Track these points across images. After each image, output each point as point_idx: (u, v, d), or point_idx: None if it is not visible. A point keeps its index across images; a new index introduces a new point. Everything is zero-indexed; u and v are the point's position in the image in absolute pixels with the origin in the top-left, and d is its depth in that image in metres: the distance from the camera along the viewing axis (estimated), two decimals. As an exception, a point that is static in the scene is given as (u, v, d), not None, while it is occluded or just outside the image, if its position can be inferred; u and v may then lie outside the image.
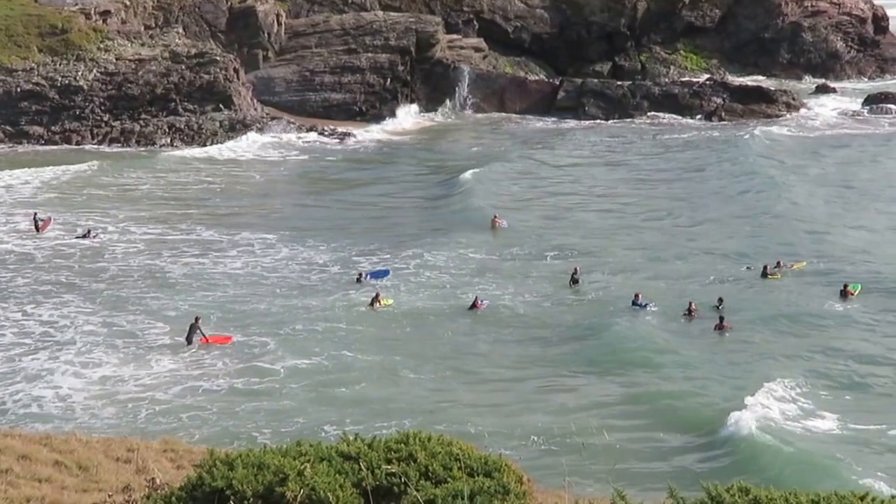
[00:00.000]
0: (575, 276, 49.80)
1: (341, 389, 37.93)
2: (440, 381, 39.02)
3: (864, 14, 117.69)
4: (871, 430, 33.82)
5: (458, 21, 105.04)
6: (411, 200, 68.10)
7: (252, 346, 42.16)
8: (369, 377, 39.15)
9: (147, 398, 36.86)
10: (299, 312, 45.89)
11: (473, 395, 37.70)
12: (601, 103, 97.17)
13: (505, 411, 36.05)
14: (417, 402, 36.82)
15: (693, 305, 45.29)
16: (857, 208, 63.50)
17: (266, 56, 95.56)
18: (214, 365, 39.76)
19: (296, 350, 41.52)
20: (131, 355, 40.71)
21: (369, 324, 45.03)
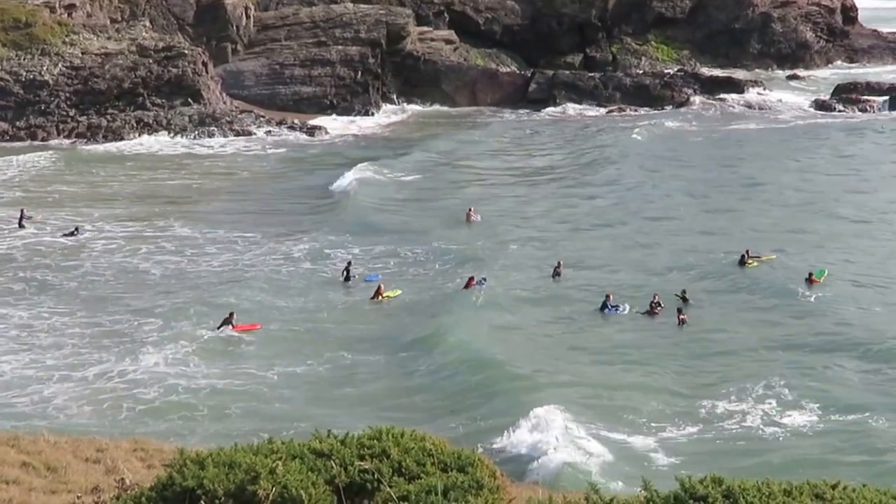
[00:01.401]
0: (557, 269, 49.63)
1: (347, 389, 37.62)
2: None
3: (832, 4, 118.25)
4: (840, 420, 33.82)
5: (429, 13, 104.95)
6: (386, 195, 67.76)
7: (243, 344, 41.80)
8: (369, 374, 38.86)
9: (130, 397, 36.44)
10: (283, 310, 45.59)
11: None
12: (573, 95, 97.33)
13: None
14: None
15: (656, 298, 44.96)
16: (823, 199, 63.64)
17: (235, 49, 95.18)
18: (198, 366, 39.28)
19: (289, 349, 41.28)
20: (113, 354, 40.21)
21: (369, 319, 44.86)
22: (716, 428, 33.36)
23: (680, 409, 34.95)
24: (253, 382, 37.97)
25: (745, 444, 32.26)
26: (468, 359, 39.04)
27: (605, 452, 31.15)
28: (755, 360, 38.96)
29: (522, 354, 40.11)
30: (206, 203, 65.57)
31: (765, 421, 33.61)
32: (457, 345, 40.32)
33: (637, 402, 35.76)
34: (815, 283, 47.06)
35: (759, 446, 32.10)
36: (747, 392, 35.72)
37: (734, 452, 31.58)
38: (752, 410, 34.38)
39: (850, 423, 33.48)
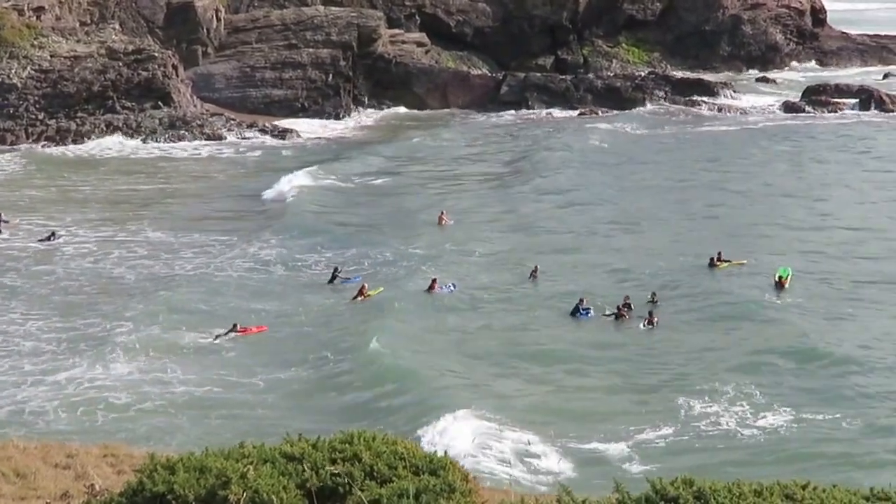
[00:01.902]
0: (534, 272, 49.64)
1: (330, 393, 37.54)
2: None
3: (802, 6, 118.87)
4: (811, 422, 33.96)
5: (400, 16, 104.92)
6: (358, 198, 67.65)
7: (224, 351, 41.64)
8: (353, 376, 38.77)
9: (101, 400, 36.18)
10: (261, 313, 45.43)
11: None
12: (544, 97, 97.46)
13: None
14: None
15: (626, 300, 44.98)
16: (791, 201, 63.90)
17: (205, 52, 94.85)
18: (175, 371, 39.04)
19: (269, 353, 41.14)
20: (87, 359, 39.90)
21: (352, 318, 44.88)
22: (688, 430, 33.40)
23: (651, 411, 34.98)
24: (233, 387, 37.80)
25: (717, 446, 32.35)
26: (388, 366, 38.88)
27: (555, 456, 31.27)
28: (725, 363, 39.06)
29: (472, 359, 40.18)
30: (180, 207, 65.28)
31: (737, 423, 33.71)
32: (376, 353, 40.10)
33: (606, 405, 35.80)
34: (783, 287, 47.21)
35: (732, 448, 32.19)
36: (719, 394, 35.81)
37: (706, 454, 31.65)
38: (725, 412, 34.47)
39: (820, 425, 33.60)
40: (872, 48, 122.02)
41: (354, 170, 74.92)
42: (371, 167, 76.07)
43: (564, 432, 33.09)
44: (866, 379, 37.75)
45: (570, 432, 33.18)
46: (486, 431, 32.74)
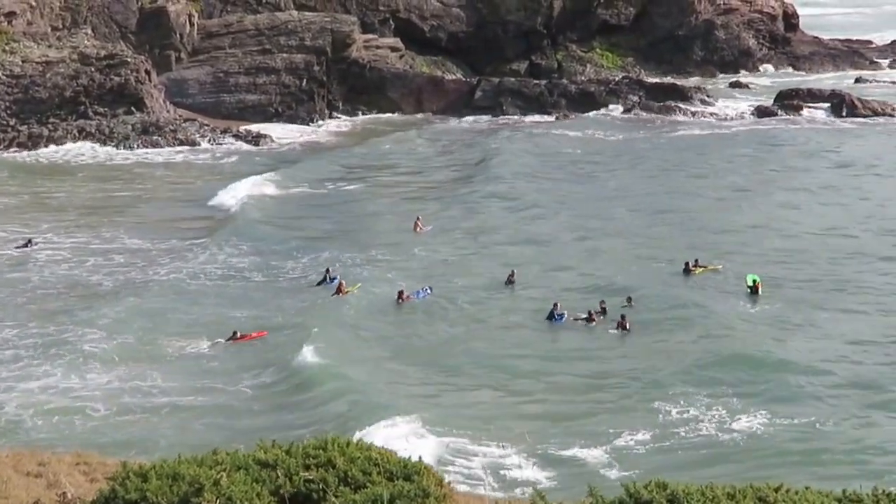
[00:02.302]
0: (511, 278, 49.50)
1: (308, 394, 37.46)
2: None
3: (774, 12, 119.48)
4: (786, 425, 34.06)
5: (374, 20, 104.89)
6: (331, 204, 67.49)
7: (204, 359, 41.40)
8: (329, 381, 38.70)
9: (82, 410, 35.95)
10: (240, 319, 45.30)
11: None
12: (519, 102, 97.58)
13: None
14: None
15: (600, 306, 45.01)
16: (765, 206, 64.10)
17: (178, 57, 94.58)
18: (154, 378, 38.87)
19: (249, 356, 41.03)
20: (65, 367, 39.64)
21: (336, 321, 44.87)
22: (666, 435, 33.40)
23: (628, 417, 35.00)
24: (211, 393, 37.68)
25: (695, 450, 32.37)
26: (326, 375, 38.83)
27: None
28: (700, 367, 39.11)
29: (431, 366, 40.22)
30: (156, 212, 65.07)
31: (715, 427, 33.73)
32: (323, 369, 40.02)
33: (582, 410, 35.82)
34: (757, 292, 47.33)
35: (710, 452, 32.23)
36: (694, 398, 35.85)
37: (685, 458, 31.69)
38: (702, 417, 34.49)
39: (795, 428, 33.69)
40: (844, 53, 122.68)
41: (327, 175, 74.80)
42: (344, 173, 75.98)
43: (539, 439, 33.05)
44: (840, 383, 37.89)
45: (545, 439, 33.13)
46: (458, 439, 32.69)
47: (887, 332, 42.57)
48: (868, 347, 41.11)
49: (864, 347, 41.12)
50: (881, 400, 36.26)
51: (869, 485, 12.97)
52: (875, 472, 29.78)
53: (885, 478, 28.15)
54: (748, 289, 47.64)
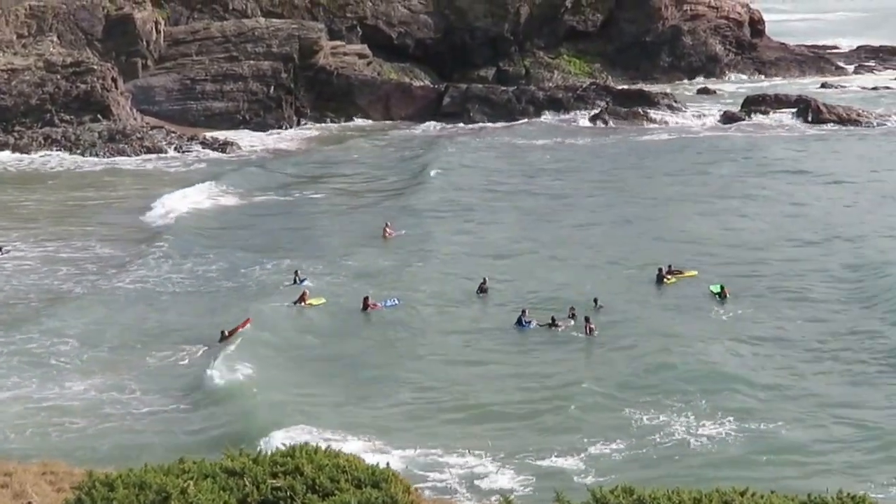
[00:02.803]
0: (483, 286, 49.18)
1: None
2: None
3: (741, 17, 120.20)
4: (753, 430, 34.16)
5: (342, 27, 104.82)
6: (298, 210, 67.33)
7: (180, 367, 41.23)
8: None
9: (59, 421, 35.62)
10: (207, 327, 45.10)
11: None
12: (486, 109, 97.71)
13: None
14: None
15: (571, 310, 45.06)
16: (733, 211, 64.35)
17: (145, 64, 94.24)
18: (131, 386, 38.63)
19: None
20: (37, 377, 39.30)
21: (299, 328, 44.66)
22: (635, 441, 33.39)
23: (596, 423, 35.01)
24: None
25: (669, 456, 32.37)
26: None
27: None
28: (669, 373, 39.18)
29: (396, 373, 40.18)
30: (125, 219, 64.79)
31: (682, 432, 33.76)
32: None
33: (554, 418, 35.80)
34: (725, 297, 47.50)
35: (684, 457, 32.24)
36: (663, 405, 35.89)
37: (659, 464, 31.70)
38: (670, 422, 34.52)
39: (762, 433, 33.78)
40: (810, 58, 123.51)
41: (293, 182, 74.71)
42: (309, 179, 75.88)
43: (509, 447, 33.02)
44: (805, 389, 38.08)
45: (515, 447, 33.07)
46: (428, 450, 32.60)
47: (848, 339, 42.78)
48: (831, 354, 41.31)
49: (828, 354, 41.31)
50: (845, 406, 36.43)
51: (834, 488, 13.04)
52: (840, 476, 29.91)
53: (849, 482, 28.26)
54: (716, 295, 47.79)
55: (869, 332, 43.23)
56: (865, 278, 50.23)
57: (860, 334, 43.10)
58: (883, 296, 47.48)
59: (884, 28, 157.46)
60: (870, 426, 34.52)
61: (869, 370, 39.55)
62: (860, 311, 46.18)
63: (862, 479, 29.98)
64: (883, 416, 35.36)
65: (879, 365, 39.82)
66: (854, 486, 18.14)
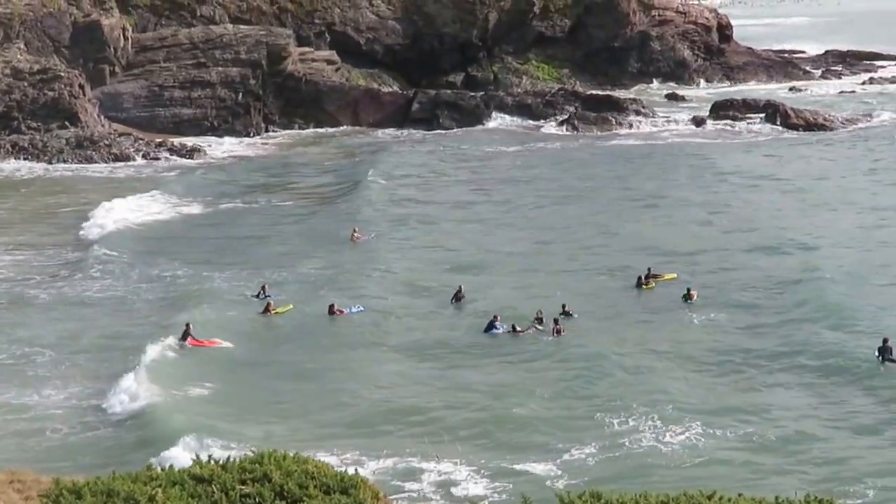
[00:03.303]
0: (459, 294, 48.52)
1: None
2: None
3: (709, 23, 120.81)
4: (722, 434, 34.25)
5: (310, 33, 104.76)
6: (264, 216, 67.11)
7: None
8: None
9: (38, 432, 35.35)
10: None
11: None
12: (455, 114, 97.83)
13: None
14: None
15: (538, 315, 45.02)
16: (703, 214, 64.53)
17: (113, 71, 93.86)
18: (101, 396, 38.39)
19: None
20: (14, 387, 38.95)
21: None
22: (607, 445, 33.38)
23: (568, 427, 35.00)
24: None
25: (640, 460, 32.36)
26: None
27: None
28: (635, 376, 39.26)
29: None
30: (94, 227, 64.46)
31: (650, 436, 33.79)
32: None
33: (519, 422, 35.77)
34: (691, 299, 47.65)
35: (655, 461, 32.26)
36: (631, 409, 35.89)
37: (621, 468, 31.73)
38: (638, 427, 34.55)
39: (731, 438, 33.85)
40: (778, 63, 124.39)
41: (258, 188, 74.65)
42: (275, 185, 75.80)
43: (481, 454, 32.97)
44: (773, 390, 38.24)
45: (487, 454, 33.03)
46: (401, 458, 32.51)
47: (814, 341, 42.94)
48: (800, 357, 41.44)
49: (797, 357, 41.42)
50: (813, 409, 36.58)
51: (802, 491, 13.09)
52: (807, 479, 30.02)
53: (819, 486, 28.41)
54: (683, 298, 47.96)
55: (830, 342, 43.19)
56: (801, 286, 50.01)
57: (816, 343, 43.03)
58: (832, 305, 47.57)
59: (845, 32, 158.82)
60: (836, 429, 34.69)
61: (831, 377, 39.64)
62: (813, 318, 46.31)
63: (828, 481, 30.11)
64: (849, 420, 35.53)
65: (844, 372, 39.82)
66: (821, 491, 18.24)
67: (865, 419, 35.20)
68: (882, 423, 34.78)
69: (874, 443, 33.56)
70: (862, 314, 45.42)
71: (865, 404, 36.46)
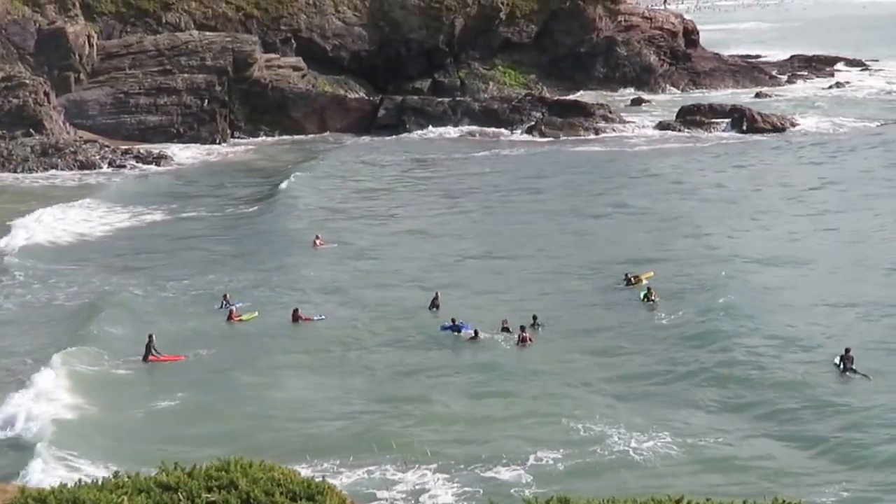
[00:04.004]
0: (436, 301, 48.30)
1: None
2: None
3: (675, 28, 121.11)
4: (690, 440, 34.29)
5: (276, 40, 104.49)
6: (228, 223, 66.87)
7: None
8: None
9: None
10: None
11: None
12: (422, 120, 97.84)
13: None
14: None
15: (504, 323, 45.02)
16: (666, 220, 64.67)
17: (78, 78, 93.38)
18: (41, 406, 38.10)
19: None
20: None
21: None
22: (575, 451, 33.39)
23: (535, 434, 34.98)
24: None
25: (612, 465, 32.38)
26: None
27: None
28: (602, 382, 39.30)
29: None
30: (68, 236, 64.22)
31: (621, 443, 33.78)
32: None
33: (493, 430, 35.75)
34: (651, 300, 47.83)
35: (618, 467, 32.29)
36: (595, 418, 35.89)
37: (590, 474, 31.73)
38: (607, 433, 34.55)
39: (699, 443, 33.87)
40: (744, 69, 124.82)
41: (227, 194, 74.43)
42: (244, 191, 75.62)
43: (450, 461, 32.90)
44: (742, 392, 38.33)
45: (456, 460, 32.94)
46: (373, 466, 32.41)
47: (776, 344, 43.14)
48: (764, 358, 41.58)
49: (760, 359, 41.53)
50: (779, 413, 36.66)
51: (770, 495, 13.14)
52: (775, 483, 30.14)
53: (788, 490, 28.52)
54: (644, 299, 48.18)
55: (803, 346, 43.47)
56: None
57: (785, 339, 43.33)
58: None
59: (797, 37, 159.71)
60: (803, 434, 34.83)
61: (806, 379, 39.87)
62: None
63: (795, 485, 30.21)
64: (822, 423, 35.67)
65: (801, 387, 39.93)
66: (788, 496, 18.27)
67: (823, 428, 35.27)
68: (836, 431, 34.90)
69: (828, 449, 33.69)
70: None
71: (822, 416, 36.48)
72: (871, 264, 54.02)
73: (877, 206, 66.27)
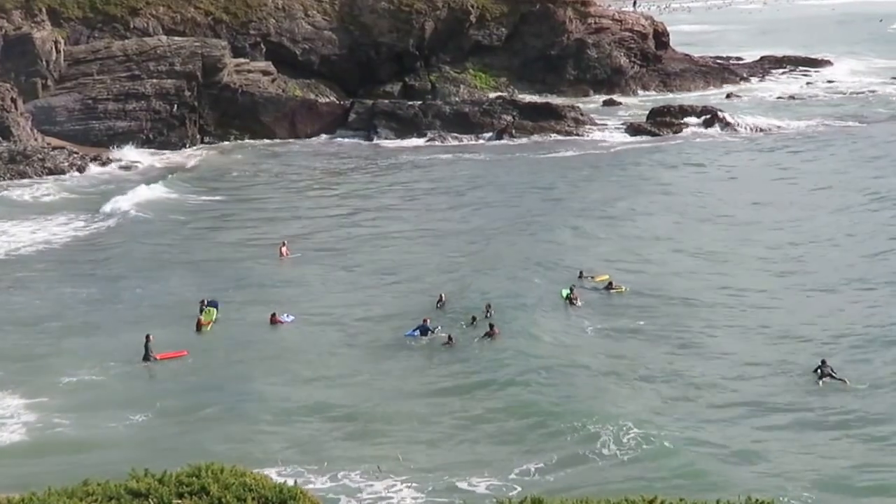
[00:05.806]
0: (441, 301, 48.53)
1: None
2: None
3: (645, 30, 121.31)
4: (637, 445, 34.18)
5: (245, 44, 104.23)
6: (195, 230, 66.64)
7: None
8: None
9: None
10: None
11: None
12: (393, 124, 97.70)
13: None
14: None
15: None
16: (639, 222, 64.86)
17: (45, 84, 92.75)
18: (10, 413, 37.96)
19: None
20: None
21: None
22: (567, 455, 33.42)
23: (509, 437, 35.01)
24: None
25: (573, 469, 32.42)
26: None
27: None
28: (567, 387, 39.34)
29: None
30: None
31: (591, 445, 33.81)
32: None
33: (460, 432, 35.74)
34: (575, 302, 48.05)
35: (588, 469, 32.33)
36: (571, 417, 35.90)
37: (563, 477, 31.74)
38: (578, 434, 34.59)
39: (664, 446, 33.88)
40: (714, 70, 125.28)
41: (193, 200, 74.27)
42: (209, 197, 75.46)
43: (421, 466, 32.85)
44: (718, 393, 38.49)
45: (427, 465, 32.90)
46: (349, 473, 32.32)
47: (744, 343, 43.38)
48: (727, 358, 41.78)
49: (725, 360, 41.72)
50: (754, 412, 36.83)
51: (743, 494, 13.11)
52: (750, 482, 30.19)
53: (764, 491, 28.54)
54: (566, 300, 48.48)
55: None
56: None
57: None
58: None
59: (778, 36, 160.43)
60: (778, 432, 34.97)
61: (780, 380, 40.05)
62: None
63: (767, 488, 30.30)
64: (797, 421, 35.85)
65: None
66: (762, 494, 18.26)
67: (806, 431, 35.42)
68: (818, 432, 35.03)
69: (812, 450, 33.83)
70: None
71: (804, 418, 36.64)
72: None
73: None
